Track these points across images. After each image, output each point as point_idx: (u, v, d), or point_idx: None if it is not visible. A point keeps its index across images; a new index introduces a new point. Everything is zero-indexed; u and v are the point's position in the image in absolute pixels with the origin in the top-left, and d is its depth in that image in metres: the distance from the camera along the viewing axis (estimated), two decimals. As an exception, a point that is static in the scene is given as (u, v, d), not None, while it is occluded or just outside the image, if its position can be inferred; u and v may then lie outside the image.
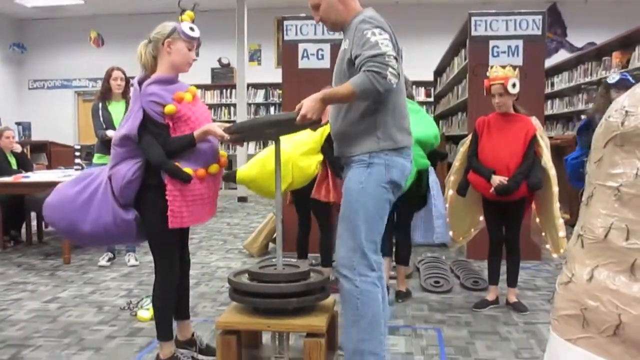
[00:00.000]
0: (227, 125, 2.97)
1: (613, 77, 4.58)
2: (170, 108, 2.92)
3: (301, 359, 2.96)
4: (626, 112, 1.55)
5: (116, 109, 5.83)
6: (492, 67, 4.31)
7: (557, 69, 10.06)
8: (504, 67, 4.22)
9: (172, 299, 3.17)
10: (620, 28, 7.80)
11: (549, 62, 11.05)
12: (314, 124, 2.79)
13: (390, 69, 2.53)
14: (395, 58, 2.58)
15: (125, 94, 5.89)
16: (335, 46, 6.21)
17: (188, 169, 2.95)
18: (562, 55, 11.65)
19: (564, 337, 1.62)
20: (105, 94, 5.84)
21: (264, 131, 3.12)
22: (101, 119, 5.76)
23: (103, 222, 3.02)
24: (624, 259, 1.51)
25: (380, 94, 2.56)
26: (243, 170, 4.56)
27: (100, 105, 5.81)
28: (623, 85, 4.40)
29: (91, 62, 13.39)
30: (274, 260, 3.16)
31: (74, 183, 3.13)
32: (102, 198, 3.02)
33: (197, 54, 3.15)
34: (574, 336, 1.59)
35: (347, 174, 2.86)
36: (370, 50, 2.55)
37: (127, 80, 5.91)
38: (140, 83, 3.02)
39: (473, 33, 6.17)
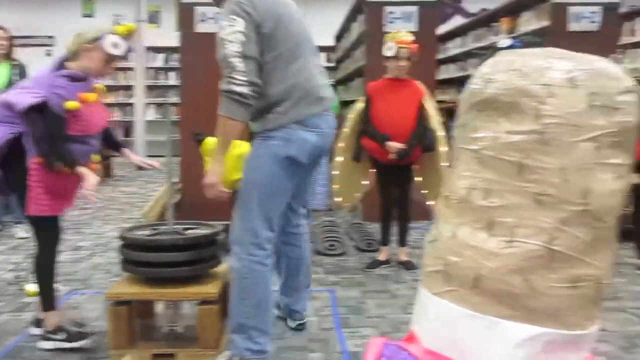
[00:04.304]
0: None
1: (504, 42, 4.72)
2: (72, 104, 2.82)
3: (195, 327, 2.98)
4: (487, 79, 1.64)
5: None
6: (398, 32, 4.40)
7: (452, 34, 10.36)
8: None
9: (53, 267, 3.11)
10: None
11: (445, 28, 11.37)
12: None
13: (235, 80, 2.45)
14: (240, 54, 2.46)
15: (8, 55, 5.56)
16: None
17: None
18: (458, 21, 11.98)
19: (431, 291, 1.72)
20: (-14, 55, 5.50)
21: None
22: (-18, 82, 5.43)
23: None
24: (483, 216, 1.61)
25: (246, 105, 2.50)
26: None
27: (-20, 67, 5.47)
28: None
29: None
30: (162, 227, 3.14)
31: None
32: None
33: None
34: (440, 290, 1.69)
35: None
36: (220, 51, 2.51)
37: (11, 40, 5.56)
38: (56, 66, 2.90)
39: (369, -1, 6.23)
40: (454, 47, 10.24)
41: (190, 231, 3.18)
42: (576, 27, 6.14)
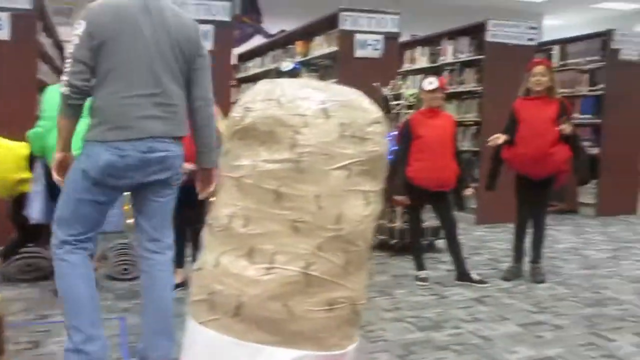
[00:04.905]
0: None
1: (286, 65, 4.87)
2: None
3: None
4: (246, 108, 1.67)
5: None
6: None
7: (252, 54, 10.54)
8: None
9: None
10: (307, 17, 8.35)
11: (246, 47, 11.54)
12: None
13: (63, 80, 2.60)
14: (71, 56, 2.59)
15: None
16: (15, 16, 5.55)
17: None
18: (259, 41, 12.20)
19: (197, 320, 1.71)
20: None
21: None
22: None
23: None
24: (243, 244, 1.63)
25: (68, 104, 2.63)
26: None
27: None
28: (294, 74, 4.75)
29: None
30: None
31: None
32: None
33: None
34: (205, 319, 1.68)
35: None
36: None
37: None
38: None
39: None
40: (254, 67, 10.42)
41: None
42: (362, 54, 6.53)
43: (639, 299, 4.26)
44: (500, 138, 4.52)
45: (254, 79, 10.66)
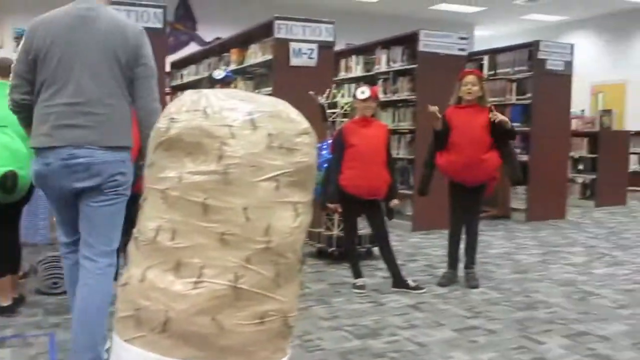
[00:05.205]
0: None
1: (219, 73, 4.85)
2: None
3: None
4: (171, 119, 1.63)
5: None
6: None
7: (186, 61, 10.42)
8: None
9: None
10: (243, 25, 8.29)
11: (181, 54, 11.40)
12: None
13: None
14: (13, 70, 2.72)
15: None
16: None
17: None
18: (194, 48, 12.08)
19: (123, 337, 1.65)
20: None
21: None
22: None
23: None
24: (170, 258, 1.59)
25: (20, 118, 2.81)
26: None
27: None
28: (227, 82, 4.72)
29: None
30: None
31: None
32: None
33: None
34: (130, 336, 1.63)
35: None
36: None
37: None
38: None
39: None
40: (189, 75, 10.28)
41: None
42: (297, 62, 6.51)
43: (567, 302, 4.39)
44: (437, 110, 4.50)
45: (189, 86, 10.53)
